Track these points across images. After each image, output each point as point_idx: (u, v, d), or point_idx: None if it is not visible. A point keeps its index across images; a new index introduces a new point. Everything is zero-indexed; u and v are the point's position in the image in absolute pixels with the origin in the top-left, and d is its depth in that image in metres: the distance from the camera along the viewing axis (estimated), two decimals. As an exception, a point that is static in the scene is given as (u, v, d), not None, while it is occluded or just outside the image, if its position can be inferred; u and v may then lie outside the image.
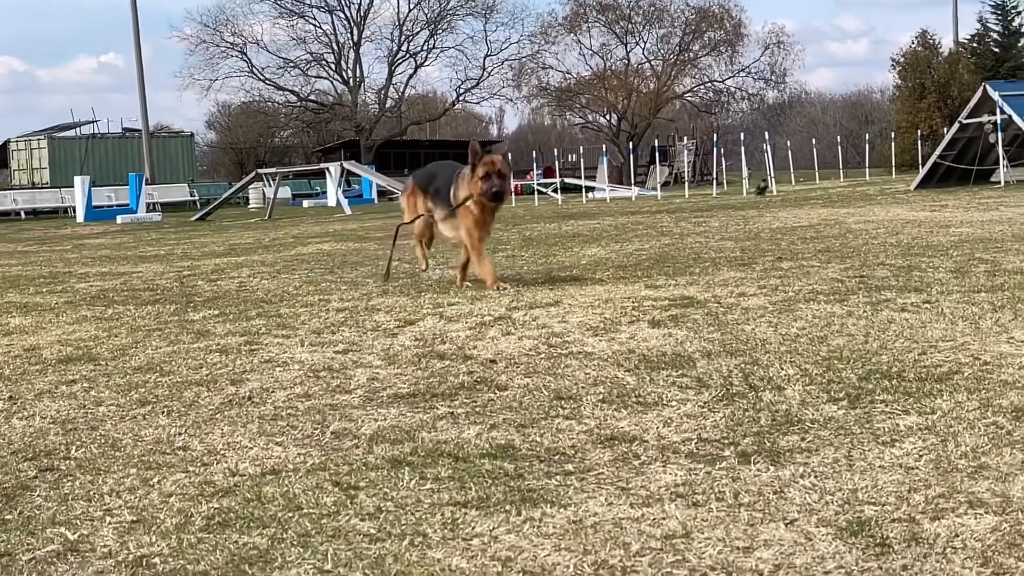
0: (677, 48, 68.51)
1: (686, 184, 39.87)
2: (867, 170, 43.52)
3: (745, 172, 33.10)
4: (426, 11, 69.28)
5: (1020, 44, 66.09)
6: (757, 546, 2.71)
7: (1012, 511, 2.84)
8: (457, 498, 3.23)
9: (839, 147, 45.17)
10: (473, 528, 2.96)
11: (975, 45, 66.38)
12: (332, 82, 72.14)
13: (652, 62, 69.16)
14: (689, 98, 70.35)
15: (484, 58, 70.62)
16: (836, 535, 2.75)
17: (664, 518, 2.96)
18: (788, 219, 15.64)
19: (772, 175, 32.64)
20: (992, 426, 3.70)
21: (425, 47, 70.68)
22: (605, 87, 67.69)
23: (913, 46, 60.77)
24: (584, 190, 37.70)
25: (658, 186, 39.41)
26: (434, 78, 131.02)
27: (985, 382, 4.35)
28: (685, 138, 52.42)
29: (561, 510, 3.07)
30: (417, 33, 70.37)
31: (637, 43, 68.99)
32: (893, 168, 41.04)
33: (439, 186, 8.61)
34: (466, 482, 3.38)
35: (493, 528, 2.95)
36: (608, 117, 70.57)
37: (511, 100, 75.91)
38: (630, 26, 68.37)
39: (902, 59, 60.75)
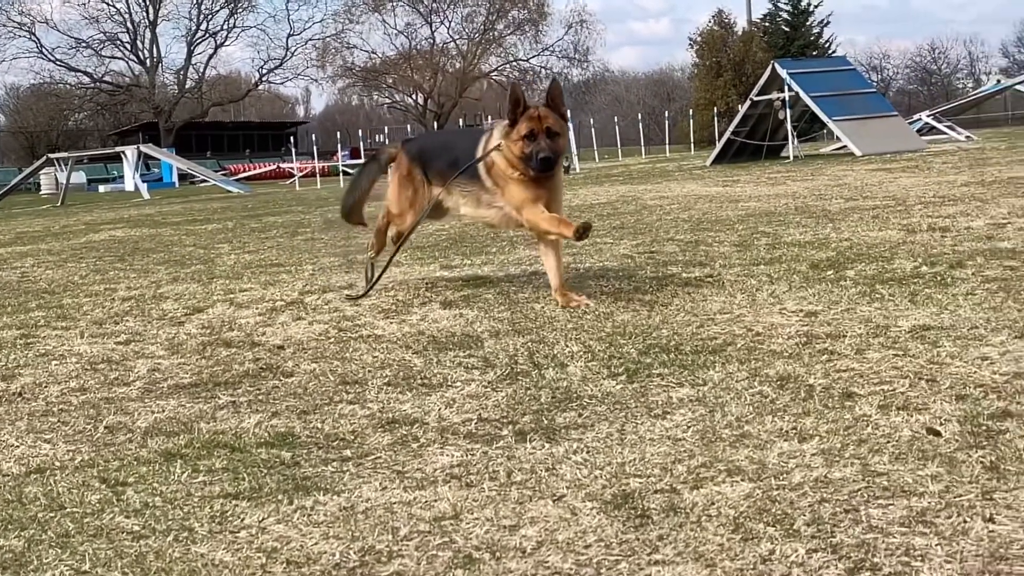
0: (482, 27, 68.89)
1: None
2: (667, 147, 44.59)
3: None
4: (226, -10, 67.72)
5: (808, 23, 68.72)
6: (524, 524, 2.74)
7: (766, 477, 2.95)
8: (229, 490, 3.17)
9: (640, 125, 46.09)
10: (242, 520, 2.91)
11: (767, 24, 68.81)
12: (128, 63, 69.94)
13: (457, 41, 69.41)
14: (495, 77, 70.77)
15: (287, 38, 69.69)
16: (600, 509, 2.81)
17: (436, 500, 2.97)
18: (588, 196, 15.91)
19: (576, 153, 33.12)
20: (758, 395, 3.84)
21: (225, 26, 69.18)
22: (411, 67, 67.53)
23: (710, 25, 62.63)
24: (391, 170, 37.47)
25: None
26: (236, 58, 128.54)
27: (755, 352, 4.51)
28: (490, 117, 52.65)
29: (334, 497, 3.05)
30: (216, 12, 68.79)
31: (442, 22, 69.12)
32: (692, 144, 42.19)
33: (454, 161, 6.33)
34: (240, 473, 3.32)
35: (263, 519, 2.91)
36: (415, 97, 70.44)
37: (316, 81, 75.19)
38: (435, 5, 68.39)
39: (699, 38, 62.52)
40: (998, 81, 40.95)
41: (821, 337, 4.70)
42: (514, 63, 70.15)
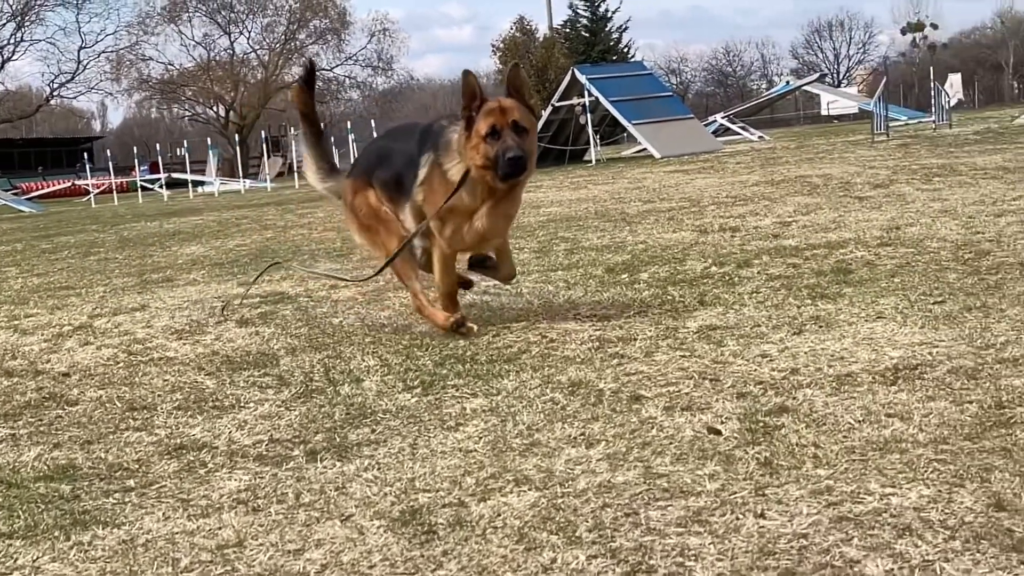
0: (283, 37, 67.99)
1: (295, 175, 39.55)
2: (474, 154, 44.85)
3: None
4: (11, 2, 65.06)
5: (607, 28, 70.18)
6: (309, 547, 2.71)
7: (552, 485, 2.99)
8: (3, 529, 3.03)
9: (446, 132, 46.16)
10: (15, 560, 2.79)
11: (568, 31, 69.94)
12: (-94, 78, 66.51)
13: (258, 52, 68.27)
14: (298, 87, 69.85)
15: (79, 50, 67.25)
16: (388, 527, 2.79)
17: (220, 528, 2.90)
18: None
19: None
20: (549, 402, 3.88)
21: (12, 40, 66.41)
22: (211, 78, 66.12)
23: (512, 32, 63.17)
24: (192, 184, 36.69)
25: (267, 178, 38.94)
26: (25, 72, 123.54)
27: (549, 359, 4.57)
28: (292, 128, 51.96)
29: (114, 530, 2.95)
30: (2, 26, 66.00)
31: (241, 32, 67.90)
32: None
33: (397, 170, 5.31)
34: (15, 510, 3.18)
35: (37, 558, 2.79)
36: (216, 109, 69.02)
37: (111, 94, 72.86)
38: (233, 15, 67.15)
39: (502, 44, 63.02)
40: (787, 83, 42.65)
41: (613, 341, 4.79)
42: (317, 72, 69.42)
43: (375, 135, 35.43)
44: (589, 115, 25.71)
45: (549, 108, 27.49)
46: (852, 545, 2.42)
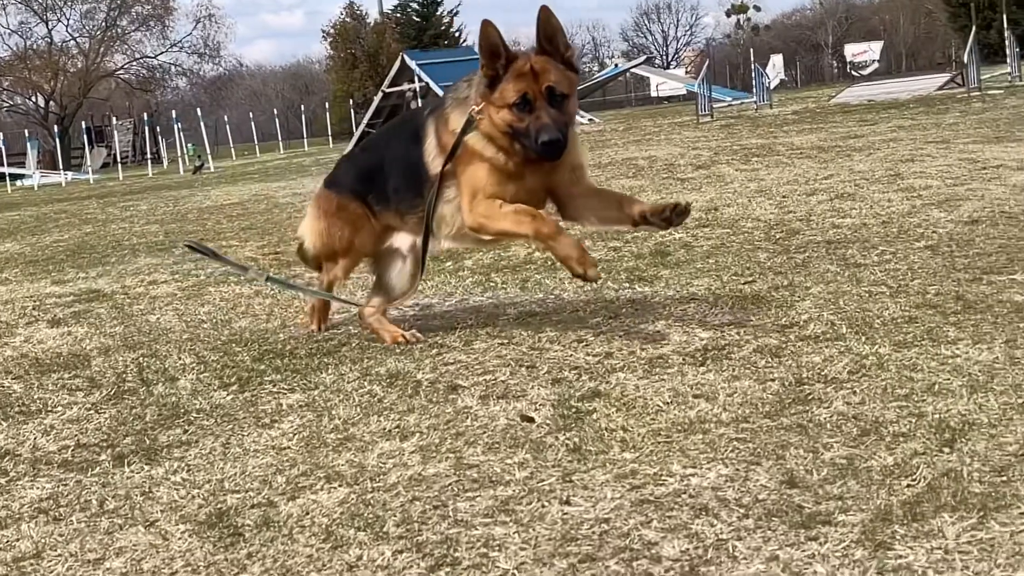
0: (104, 24, 65.87)
1: (119, 166, 38.51)
2: (306, 141, 44.31)
3: (188, 149, 32.55)
4: None
5: (439, 13, 70.07)
6: (110, 555, 2.64)
7: (363, 480, 2.98)
8: None
9: (276, 119, 45.55)
10: None
11: (399, 15, 69.58)
12: None
13: (78, 39, 66.04)
14: (122, 75, 67.92)
15: None
16: (194, 531, 2.74)
17: (19, 540, 2.80)
18: (220, 197, 15.58)
19: (210, 151, 32.35)
20: (367, 395, 3.86)
21: None
22: (28, 67, 63.65)
23: (342, 17, 62.57)
24: (9, 178, 35.34)
25: (90, 169, 37.78)
26: None
27: (369, 351, 4.55)
28: (115, 118, 50.47)
29: (-96, 549, 2.82)
30: None
31: (59, 20, 65.55)
32: (330, 137, 42.12)
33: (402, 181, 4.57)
34: None
35: None
36: (35, 99, 66.56)
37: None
38: (50, 2, 64.77)
39: (333, 30, 62.39)
40: (616, 65, 43.26)
41: (434, 330, 4.79)
42: (141, 60, 67.58)
43: (203, 124, 34.67)
44: (420, 100, 25.66)
45: (380, 95, 27.34)
46: (651, 527, 2.48)
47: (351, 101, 48.03)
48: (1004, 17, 32.76)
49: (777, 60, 63.69)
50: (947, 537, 2.30)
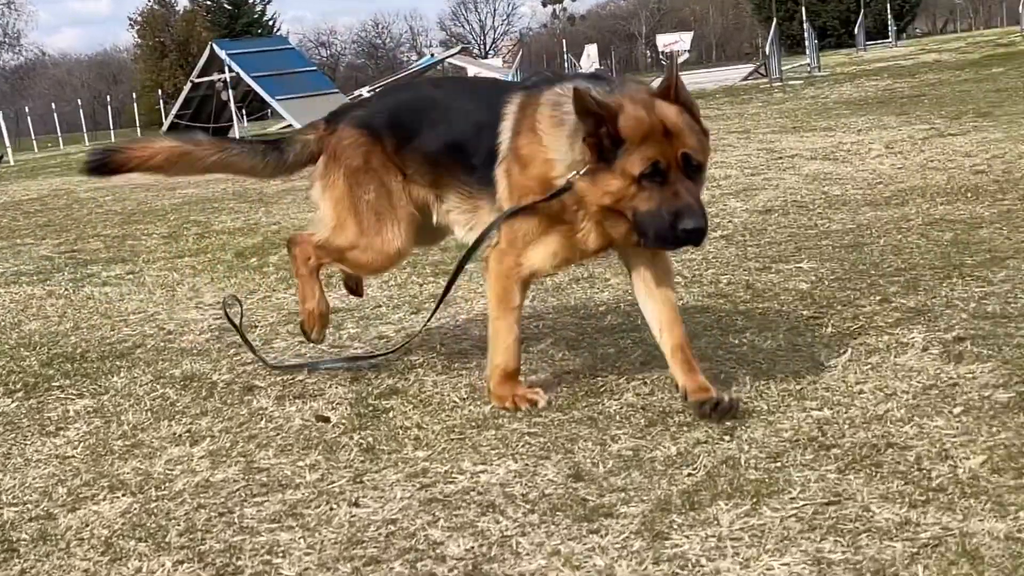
0: None
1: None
2: (112, 132, 42.92)
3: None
4: None
5: (250, 2, 68.77)
6: None
7: (148, 488, 2.90)
8: None
9: (82, 111, 43.98)
10: None
11: (209, 3, 68.03)
12: None
13: None
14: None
15: None
16: (-34, 549, 2.62)
17: None
18: (18, 192, 14.96)
19: (10, 145, 31.06)
20: (159, 399, 3.76)
21: None
22: None
23: (150, 5, 60.86)
24: None
25: None
26: None
27: (165, 352, 4.43)
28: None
29: None
30: None
31: None
32: (138, 128, 40.97)
33: (455, 142, 3.51)
34: None
35: None
36: None
37: None
38: None
39: (140, 18, 60.66)
40: (431, 56, 43.26)
41: (231, 330, 4.70)
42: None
43: (1, 116, 33.20)
44: (231, 91, 25.16)
45: (188, 85, 26.70)
46: (438, 527, 2.48)
47: (160, 92, 46.78)
48: (804, 9, 33.95)
49: (592, 50, 64.53)
50: (721, 524, 2.37)
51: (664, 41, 73.44)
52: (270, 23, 69.40)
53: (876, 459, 2.65)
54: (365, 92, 33.08)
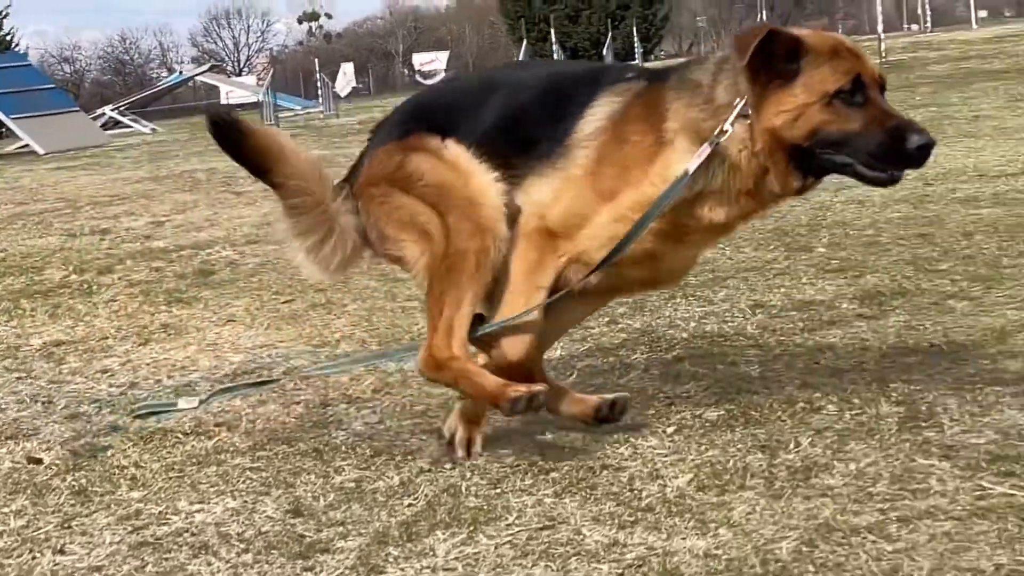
0: None
1: None
2: None
3: None
4: None
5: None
6: None
7: None
8: None
9: None
10: None
11: (-59, 15, 64.32)
12: None
13: None
14: None
15: None
16: None
17: None
18: None
19: None
20: None
21: None
22: None
23: None
24: None
25: None
26: None
27: None
28: None
29: None
30: None
31: None
32: None
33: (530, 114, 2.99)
34: None
35: None
36: None
37: None
38: None
39: None
40: (180, 73, 42.23)
41: (-59, 366, 4.44)
42: None
43: None
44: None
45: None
46: (145, 572, 2.40)
47: None
48: (553, 31, 34.79)
49: (348, 68, 64.36)
50: (437, 555, 2.38)
51: (421, 60, 73.98)
52: (8, 38, 66.16)
53: (592, 481, 2.71)
54: (108, 111, 31.99)
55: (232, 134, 3.02)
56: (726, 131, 2.75)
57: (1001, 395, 3.02)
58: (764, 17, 38.02)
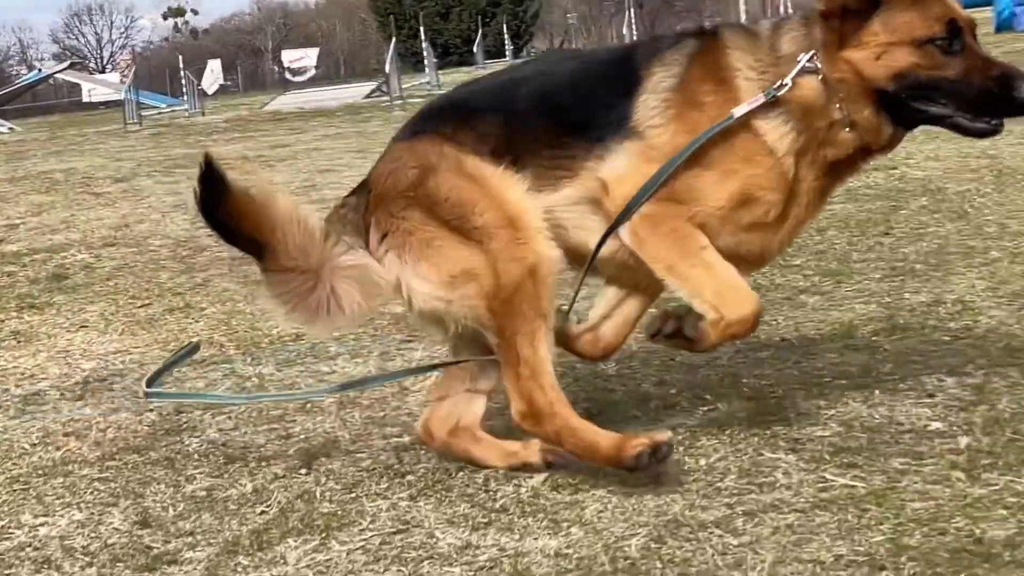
0: None
1: None
2: None
3: None
4: None
5: None
6: None
7: None
8: None
9: None
10: None
11: None
12: None
13: None
14: None
15: None
16: None
17: None
18: None
19: None
20: None
21: None
22: None
23: None
24: None
25: None
26: None
27: None
28: None
29: None
30: None
31: None
32: None
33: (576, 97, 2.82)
34: None
35: None
36: None
37: None
38: None
39: None
40: (39, 70, 41.08)
41: None
42: None
43: None
44: None
45: None
46: (-16, 590, 2.33)
47: None
48: (423, 28, 34.64)
49: (215, 65, 63.33)
50: (288, 563, 2.35)
51: (290, 57, 73.17)
52: None
53: (447, 483, 2.71)
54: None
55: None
56: (786, 84, 2.64)
57: (846, 388, 3.10)
58: (632, 15, 38.42)
